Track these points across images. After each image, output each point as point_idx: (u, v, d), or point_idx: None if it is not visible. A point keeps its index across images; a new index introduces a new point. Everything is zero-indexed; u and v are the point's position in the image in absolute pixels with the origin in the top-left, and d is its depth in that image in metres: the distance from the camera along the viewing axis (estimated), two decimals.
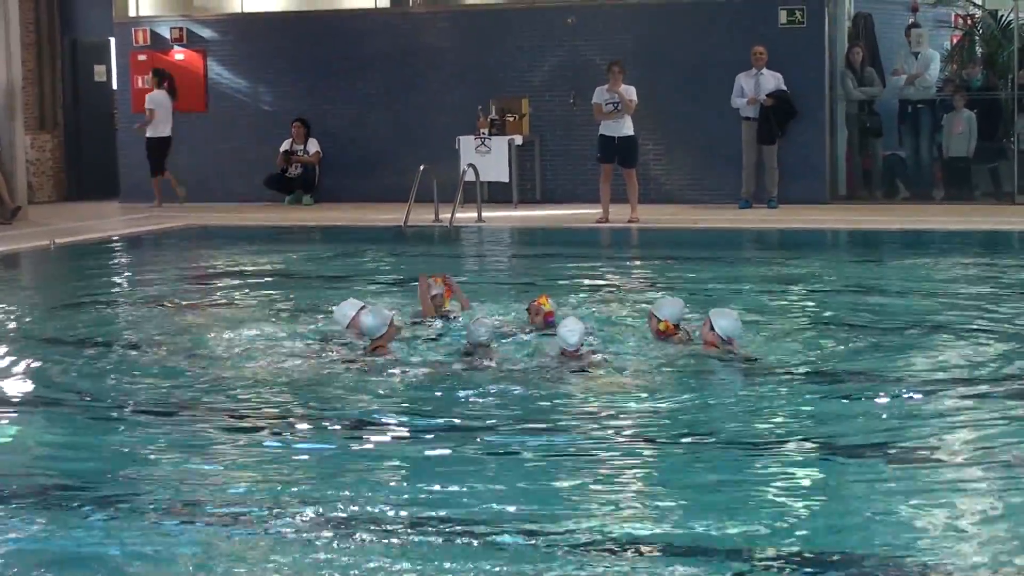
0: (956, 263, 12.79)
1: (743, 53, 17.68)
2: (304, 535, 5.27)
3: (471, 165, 17.46)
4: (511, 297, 10.76)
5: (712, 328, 8.05)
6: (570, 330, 8.00)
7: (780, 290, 11.34)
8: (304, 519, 5.44)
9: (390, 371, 8.01)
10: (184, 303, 11.27)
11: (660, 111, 18.19)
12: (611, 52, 18.01)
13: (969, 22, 20.68)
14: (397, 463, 6.32)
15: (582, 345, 8.04)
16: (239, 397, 7.67)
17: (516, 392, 7.51)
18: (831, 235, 15.74)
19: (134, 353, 9.01)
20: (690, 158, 18.58)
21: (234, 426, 7.05)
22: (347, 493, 5.76)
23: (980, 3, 20.75)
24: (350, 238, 16.24)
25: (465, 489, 5.78)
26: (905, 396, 7.44)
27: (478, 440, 6.63)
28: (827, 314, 10.08)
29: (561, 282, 11.82)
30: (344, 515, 5.47)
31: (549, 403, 7.34)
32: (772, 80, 17.58)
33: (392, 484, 5.96)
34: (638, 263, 13.91)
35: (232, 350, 8.95)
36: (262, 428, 7.01)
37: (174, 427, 7.01)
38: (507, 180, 18.72)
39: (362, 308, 8.72)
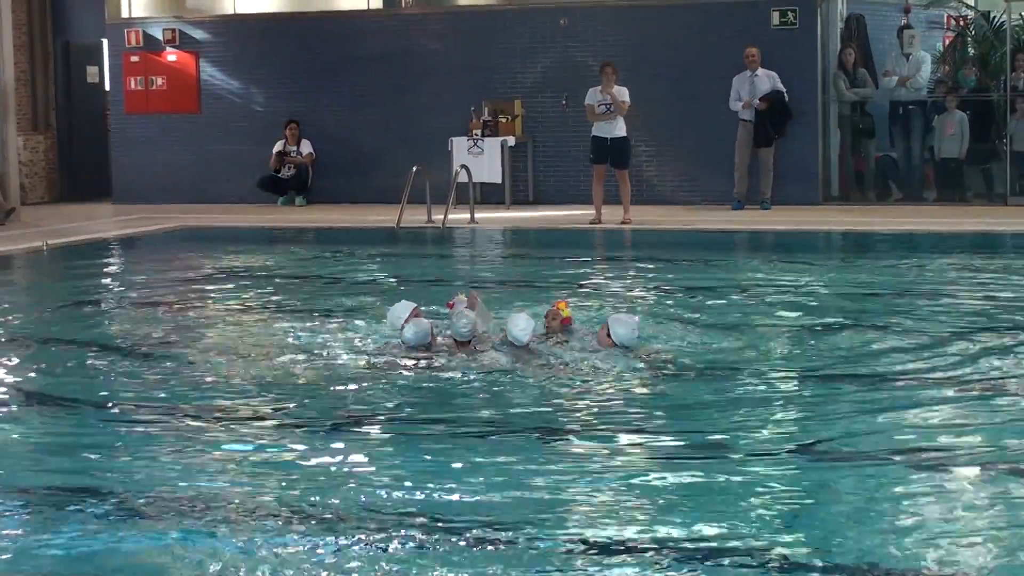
0: (948, 264, 12.81)
1: (736, 55, 17.72)
2: (297, 537, 5.30)
3: (464, 166, 17.47)
4: (527, 300, 10.69)
5: (608, 334, 8.26)
6: (521, 329, 8.12)
7: (772, 291, 11.35)
8: (298, 520, 5.47)
9: (390, 372, 8.07)
10: (177, 304, 11.27)
11: (653, 112, 18.24)
12: (604, 53, 18.06)
13: (962, 23, 20.76)
14: (378, 464, 6.32)
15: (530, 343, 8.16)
16: (233, 398, 7.68)
17: (497, 392, 7.59)
18: (824, 236, 15.75)
19: (128, 354, 9.02)
20: (683, 159, 18.62)
21: (230, 428, 7.06)
22: (339, 494, 5.80)
23: (973, 4, 20.83)
24: (343, 239, 16.23)
25: (446, 489, 5.85)
26: (895, 397, 7.47)
27: (458, 439, 6.69)
28: (819, 315, 10.09)
29: (553, 284, 11.84)
30: (334, 516, 5.51)
31: (527, 402, 7.40)
32: (767, 81, 17.60)
33: (377, 485, 5.95)
34: (631, 265, 13.90)
35: (225, 351, 8.99)
36: (261, 429, 7.02)
37: (168, 429, 7.04)
38: (500, 181, 18.75)
39: (414, 308, 8.63)
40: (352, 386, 7.80)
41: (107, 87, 21.69)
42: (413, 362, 8.16)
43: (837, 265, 13.50)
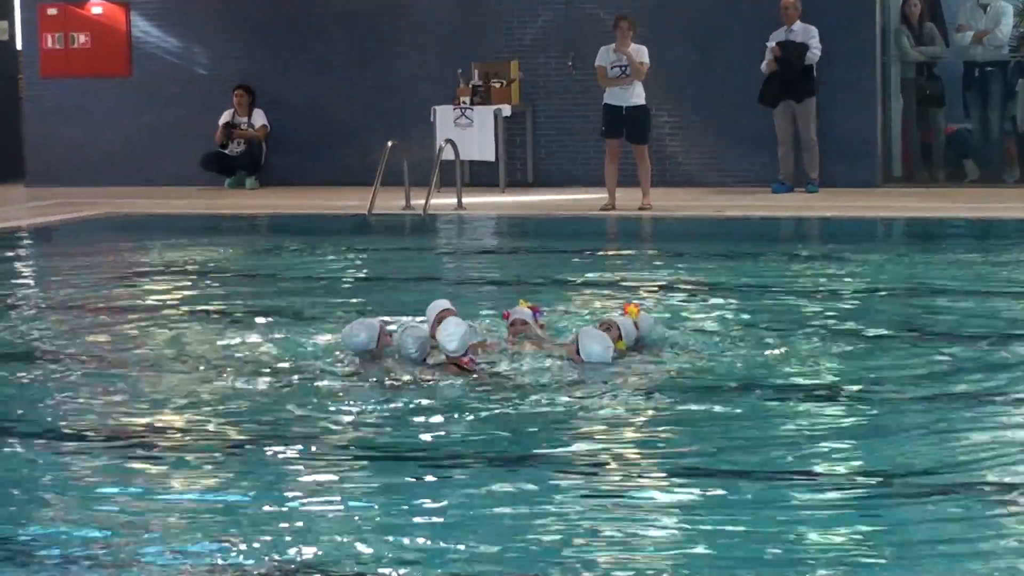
0: None
1: (773, 7, 17.68)
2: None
3: (449, 141, 17.46)
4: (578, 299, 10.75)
5: (578, 351, 8.33)
6: (449, 335, 8.14)
7: (821, 291, 11.38)
8: (243, 555, 5.52)
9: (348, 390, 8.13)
10: (105, 306, 11.29)
11: (676, 76, 18.20)
12: (617, 5, 18.03)
13: None
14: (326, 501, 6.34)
15: (467, 352, 8.21)
16: (165, 422, 7.71)
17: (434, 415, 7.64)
18: (883, 225, 15.77)
19: (48, 366, 9.05)
20: (712, 133, 18.57)
21: (166, 452, 7.08)
22: (279, 536, 5.84)
23: None
24: (302, 228, 16.27)
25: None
26: (964, 419, 7.51)
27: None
28: (874, 321, 10.09)
29: (557, 282, 11.87)
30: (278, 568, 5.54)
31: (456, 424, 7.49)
32: (802, 37, 17.50)
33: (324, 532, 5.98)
34: (650, 259, 13.87)
35: (161, 362, 9.04)
36: (201, 453, 7.05)
37: (93, 454, 7.06)
38: (492, 159, 18.74)
39: (446, 310, 8.64)
40: (300, 406, 7.82)
41: (19, 46, 21.65)
42: (370, 376, 8.23)
43: (898, 259, 13.45)
